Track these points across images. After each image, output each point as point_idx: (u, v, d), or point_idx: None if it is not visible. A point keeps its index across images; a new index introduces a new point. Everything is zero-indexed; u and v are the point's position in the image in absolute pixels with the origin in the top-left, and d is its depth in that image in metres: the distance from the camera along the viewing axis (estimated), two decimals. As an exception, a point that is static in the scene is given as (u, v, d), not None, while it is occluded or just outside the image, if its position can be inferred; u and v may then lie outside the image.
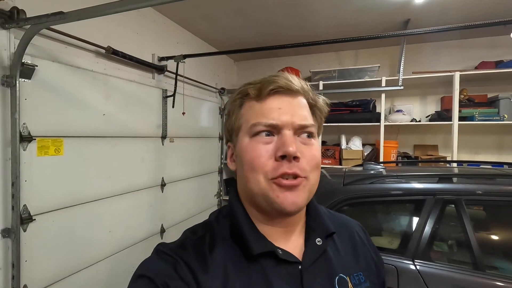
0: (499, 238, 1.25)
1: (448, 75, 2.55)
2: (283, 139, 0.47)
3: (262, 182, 0.48)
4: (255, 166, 0.48)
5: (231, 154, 0.57)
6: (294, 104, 0.50)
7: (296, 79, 0.52)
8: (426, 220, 1.15)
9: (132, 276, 0.46)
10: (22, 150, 1.31)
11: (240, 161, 0.52)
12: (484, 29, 2.56)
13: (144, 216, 2.10)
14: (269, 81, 0.50)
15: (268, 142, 0.49)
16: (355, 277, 0.54)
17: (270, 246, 0.49)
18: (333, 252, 0.55)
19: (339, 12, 2.33)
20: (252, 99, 0.52)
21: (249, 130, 0.50)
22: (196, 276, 0.44)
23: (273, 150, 0.48)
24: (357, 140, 2.97)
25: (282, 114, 0.49)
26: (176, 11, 2.32)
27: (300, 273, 0.49)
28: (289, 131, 0.48)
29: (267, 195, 0.47)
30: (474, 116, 2.50)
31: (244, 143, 0.51)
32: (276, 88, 0.49)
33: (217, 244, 0.49)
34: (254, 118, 0.50)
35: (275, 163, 0.47)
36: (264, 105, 0.50)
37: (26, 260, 1.33)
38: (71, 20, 1.11)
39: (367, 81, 2.83)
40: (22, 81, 1.31)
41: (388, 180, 1.32)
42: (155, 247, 0.50)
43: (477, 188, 1.18)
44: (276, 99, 0.50)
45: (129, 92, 1.95)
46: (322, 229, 0.55)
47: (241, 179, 0.53)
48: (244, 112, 0.53)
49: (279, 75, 0.51)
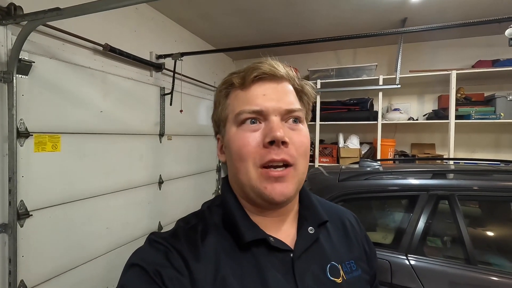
0: (492, 233, 1.26)
1: (445, 73, 2.56)
2: (270, 125, 0.47)
3: (251, 171, 0.47)
4: (243, 154, 0.48)
5: (220, 146, 0.56)
6: (279, 90, 0.50)
7: (281, 65, 0.51)
8: (420, 215, 1.16)
9: (124, 265, 0.46)
10: (19, 146, 1.32)
11: (228, 151, 0.51)
12: (480, 28, 2.57)
13: (142, 213, 2.10)
14: (252, 68, 0.49)
15: (255, 129, 0.48)
16: (347, 265, 0.54)
17: (262, 234, 0.49)
18: (326, 240, 0.55)
19: (337, 11, 2.34)
20: (237, 88, 0.51)
21: (235, 119, 0.50)
22: (188, 264, 0.45)
23: (260, 137, 0.47)
24: (355, 138, 2.98)
25: (267, 100, 0.48)
26: (174, 9, 2.33)
27: (291, 261, 0.49)
28: (276, 116, 0.48)
29: (255, 186, 0.48)
30: (471, 115, 2.52)
31: (231, 133, 0.50)
32: (260, 74, 0.49)
33: (209, 233, 0.50)
34: (239, 106, 0.49)
35: (263, 150, 0.47)
36: (249, 92, 0.50)
37: (23, 255, 1.34)
38: (68, 16, 1.12)
39: (364, 79, 2.84)
40: (19, 77, 1.31)
41: (383, 176, 1.33)
42: (148, 236, 0.50)
43: (470, 184, 1.19)
44: (261, 85, 0.50)
45: (126, 89, 1.96)
46: (314, 218, 0.55)
47: (231, 170, 0.53)
48: (230, 101, 0.52)
49: (262, 61, 0.51)
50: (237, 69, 0.53)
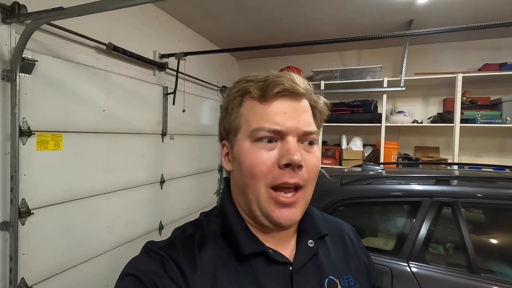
0: (496, 241, 1.24)
1: (451, 76, 2.53)
2: (288, 147, 0.46)
3: (261, 190, 0.46)
4: (256, 173, 0.46)
5: (226, 153, 0.54)
6: (298, 108, 0.48)
7: (301, 80, 0.49)
8: (422, 222, 1.14)
9: (120, 274, 0.46)
10: (21, 144, 1.32)
11: (238, 164, 0.49)
12: (488, 31, 2.53)
13: (143, 212, 2.11)
14: (273, 83, 0.47)
15: (271, 148, 0.47)
16: (345, 279, 0.53)
17: (261, 247, 0.49)
18: (324, 254, 0.54)
19: (342, 11, 2.31)
20: (254, 99, 0.49)
21: (251, 134, 0.47)
22: (185, 275, 0.44)
23: (276, 158, 0.46)
24: (358, 140, 2.96)
25: (287, 119, 0.46)
26: (178, 8, 2.32)
27: (290, 274, 0.48)
28: (293, 138, 0.47)
29: (263, 206, 0.47)
30: (476, 119, 2.48)
31: (244, 147, 0.48)
32: (281, 91, 0.47)
33: (207, 243, 0.49)
34: (256, 121, 0.47)
35: (277, 171, 0.46)
36: (268, 108, 0.47)
37: (24, 253, 1.35)
38: (71, 15, 1.12)
39: (369, 81, 2.82)
40: (23, 76, 1.32)
41: (385, 181, 1.32)
42: (144, 245, 0.49)
43: (474, 191, 1.17)
44: (281, 102, 0.48)
45: (129, 88, 1.95)
46: (314, 231, 0.55)
47: (238, 183, 0.51)
48: (244, 111, 0.49)
49: (283, 75, 0.48)
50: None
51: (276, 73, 0.49)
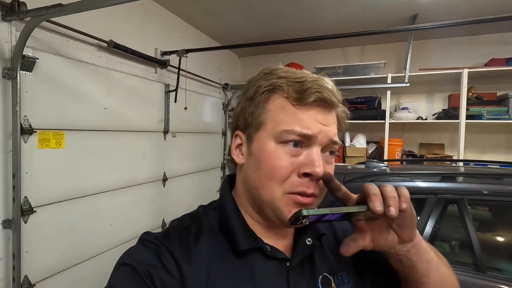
0: (502, 239, 1.22)
1: (456, 72, 2.48)
2: (312, 157, 0.45)
3: (277, 193, 0.46)
4: (275, 176, 0.45)
5: (238, 144, 0.52)
6: (329, 119, 0.48)
7: (336, 90, 0.48)
8: (427, 219, 1.12)
9: (115, 264, 0.46)
10: (23, 143, 1.32)
11: (256, 162, 0.48)
12: (494, 25, 2.49)
13: (146, 210, 2.11)
14: (311, 89, 0.45)
15: (296, 154, 0.46)
16: (339, 277, 0.53)
17: (257, 243, 0.48)
18: (319, 251, 0.54)
19: (345, 7, 2.28)
20: (286, 99, 0.47)
21: (278, 135, 0.46)
22: (180, 265, 0.44)
23: (298, 164, 0.45)
24: (361, 137, 2.93)
25: (318, 127, 0.46)
26: (179, 5, 2.30)
27: (287, 270, 0.48)
28: (318, 147, 0.46)
29: (279, 208, 0.46)
30: (482, 115, 2.44)
31: (267, 146, 0.47)
32: (319, 100, 0.46)
33: (204, 235, 0.49)
34: (287, 123, 0.46)
35: (296, 178, 0.45)
36: (302, 112, 0.46)
37: (27, 251, 1.35)
38: (71, 12, 1.11)
39: (372, 77, 2.78)
40: (23, 74, 1.31)
41: (389, 178, 1.30)
42: (140, 236, 0.49)
43: (481, 188, 1.14)
44: (315, 109, 0.47)
45: (131, 86, 1.95)
46: (313, 229, 0.54)
47: (250, 179, 0.50)
48: (273, 109, 0.47)
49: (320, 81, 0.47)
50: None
51: (312, 75, 0.48)
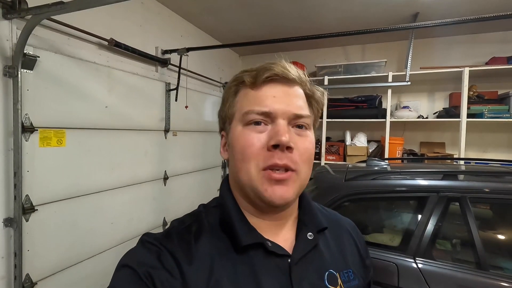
0: (505, 237, 1.21)
1: (457, 71, 2.48)
2: (277, 128, 0.46)
3: (252, 172, 0.47)
4: (246, 155, 0.47)
5: (224, 143, 0.55)
6: (289, 93, 0.49)
7: (293, 68, 0.50)
8: (429, 217, 1.12)
9: (116, 265, 0.46)
10: (24, 141, 1.32)
11: (232, 150, 0.51)
12: (495, 24, 2.48)
13: (147, 209, 2.11)
14: (265, 68, 0.49)
15: (261, 131, 0.48)
16: (345, 273, 0.53)
17: (259, 238, 0.49)
18: (324, 248, 0.54)
19: (346, 5, 2.28)
20: (247, 87, 0.51)
21: (242, 118, 0.49)
22: (181, 266, 0.44)
23: (265, 139, 0.47)
24: (362, 136, 2.93)
25: (277, 103, 0.47)
26: (180, 4, 2.30)
27: (289, 266, 0.48)
28: (283, 120, 0.47)
29: (256, 188, 0.47)
30: (483, 113, 2.44)
31: (236, 132, 0.49)
32: (271, 75, 0.48)
33: (204, 234, 0.49)
34: (247, 105, 0.49)
35: (266, 152, 0.46)
36: (259, 92, 0.49)
37: (28, 249, 1.35)
38: (71, 10, 1.11)
39: (373, 76, 2.78)
40: (24, 72, 1.31)
41: (391, 177, 1.29)
42: (140, 237, 0.49)
43: (483, 186, 1.14)
44: (272, 87, 0.49)
45: (132, 84, 1.95)
46: (314, 224, 0.54)
47: (232, 169, 0.52)
48: (239, 99, 0.51)
49: (275, 62, 0.50)
50: (248, 67, 0.52)
51: (270, 61, 0.50)
